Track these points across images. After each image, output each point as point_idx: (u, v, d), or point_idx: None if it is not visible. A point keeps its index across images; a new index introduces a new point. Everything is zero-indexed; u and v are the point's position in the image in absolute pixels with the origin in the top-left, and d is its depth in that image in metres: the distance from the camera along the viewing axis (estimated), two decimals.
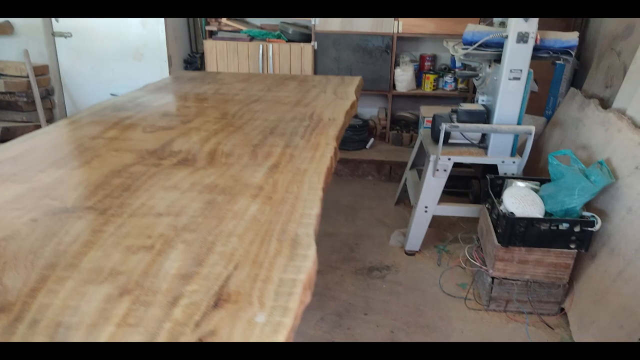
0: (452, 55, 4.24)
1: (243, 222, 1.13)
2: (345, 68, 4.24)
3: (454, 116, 2.73)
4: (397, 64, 4.26)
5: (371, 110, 4.68)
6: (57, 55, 4.34)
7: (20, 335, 0.76)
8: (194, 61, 4.62)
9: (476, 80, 2.92)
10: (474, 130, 2.60)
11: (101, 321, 0.80)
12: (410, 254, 2.88)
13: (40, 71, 4.09)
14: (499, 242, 2.20)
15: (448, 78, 4.27)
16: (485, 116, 2.67)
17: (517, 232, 2.13)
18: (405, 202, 3.57)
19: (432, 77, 4.28)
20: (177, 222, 1.13)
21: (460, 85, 4.27)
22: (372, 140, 4.38)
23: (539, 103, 3.85)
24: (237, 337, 0.76)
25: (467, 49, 2.60)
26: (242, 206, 1.21)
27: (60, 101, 4.44)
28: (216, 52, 4.30)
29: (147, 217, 1.15)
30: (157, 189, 1.31)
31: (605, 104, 2.84)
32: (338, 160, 1.76)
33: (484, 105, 2.77)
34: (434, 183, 2.72)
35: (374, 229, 3.20)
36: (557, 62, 2.67)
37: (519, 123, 2.60)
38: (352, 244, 3.00)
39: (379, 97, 4.56)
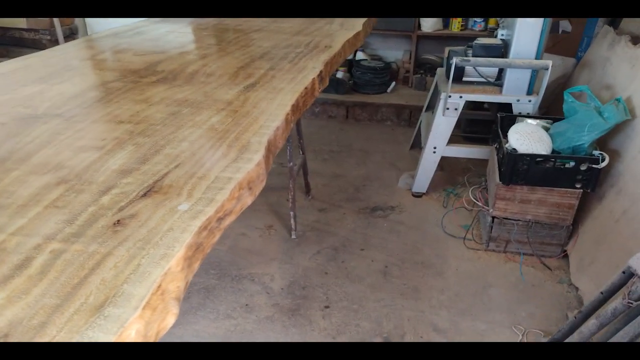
0: None
1: (200, 130, 1.13)
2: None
3: (469, 51, 2.60)
4: None
5: (395, 53, 4.52)
6: None
7: None
8: None
9: None
10: (486, 65, 2.47)
11: (32, 203, 0.82)
12: (417, 195, 2.83)
13: None
14: (500, 180, 2.12)
15: (477, 17, 4.05)
16: (502, 51, 2.52)
17: (519, 170, 2.05)
18: (420, 146, 3.48)
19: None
20: (134, 129, 1.13)
21: (490, 25, 4.04)
22: (393, 84, 4.26)
23: (572, 44, 3.61)
24: (154, 221, 0.77)
25: None
26: (204, 117, 1.21)
27: None
28: None
29: (108, 124, 1.17)
30: (127, 101, 1.32)
31: (637, 40, 2.63)
32: (325, 86, 1.71)
33: (502, 40, 2.61)
34: (443, 122, 2.63)
35: (384, 171, 3.16)
36: None
37: (537, 59, 2.44)
38: (359, 185, 2.98)
39: (403, 40, 4.38)
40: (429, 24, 4.04)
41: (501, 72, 2.57)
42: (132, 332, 0.58)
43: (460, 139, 3.27)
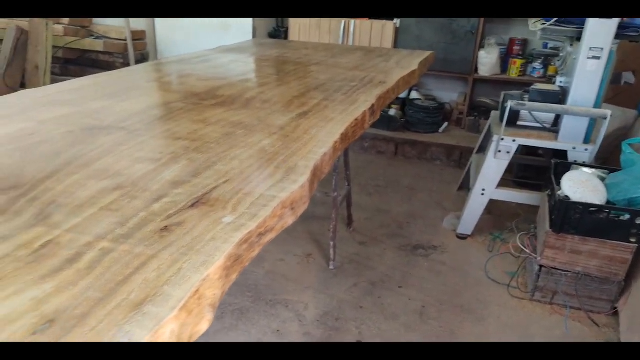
0: (545, 41, 3.99)
1: (251, 150, 1.17)
2: (426, 48, 4.13)
3: (526, 96, 2.57)
4: (481, 46, 4.07)
5: (450, 94, 4.52)
6: (154, 23, 4.67)
7: (19, 206, 0.86)
8: (279, 35, 4.74)
9: (557, 60, 2.72)
10: (542, 110, 2.43)
11: (88, 205, 0.88)
12: (462, 237, 2.77)
13: (138, 36, 4.43)
14: (551, 228, 2.05)
15: (537, 64, 4.01)
16: (559, 97, 2.48)
17: (571, 218, 1.97)
18: (468, 188, 3.42)
19: (519, 62, 4.04)
20: (190, 145, 1.19)
21: (550, 73, 3.99)
22: (446, 124, 4.24)
23: (635, 96, 3.49)
24: (199, 230, 0.80)
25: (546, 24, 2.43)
26: (256, 140, 1.25)
27: None
28: (299, 27, 4.38)
29: (167, 140, 1.23)
30: (186, 121, 1.39)
31: None
32: (376, 119, 1.74)
33: (561, 87, 2.57)
34: (494, 165, 2.59)
35: (430, 210, 3.12)
36: None
37: (595, 107, 2.38)
38: (402, 222, 2.95)
39: (459, 82, 4.39)
40: (486, 68, 4.04)
41: (557, 118, 2.52)
42: (167, 331, 0.60)
43: (511, 184, 3.20)
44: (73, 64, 4.31)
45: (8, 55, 3.76)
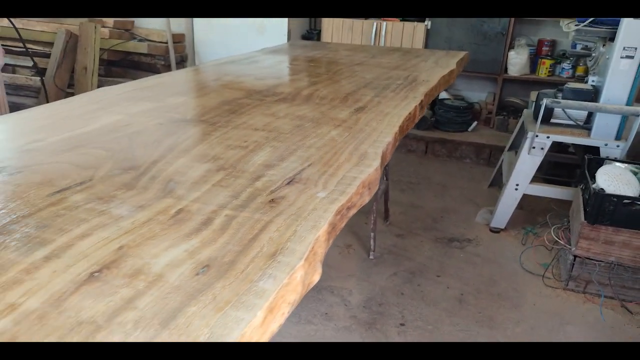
0: (574, 42, 4.07)
1: (322, 140, 1.32)
2: (456, 49, 4.24)
3: (559, 94, 2.67)
4: (511, 47, 4.17)
5: (479, 94, 4.62)
6: (193, 26, 4.86)
7: (143, 183, 1.02)
8: (312, 37, 4.90)
9: (589, 60, 2.82)
10: (576, 108, 2.53)
11: (201, 182, 1.03)
12: (495, 231, 2.88)
13: (178, 39, 4.62)
14: (585, 219, 2.15)
15: (566, 64, 4.09)
16: (592, 96, 2.58)
17: (605, 210, 2.08)
18: (499, 185, 3.53)
19: (548, 62, 4.12)
20: (269, 135, 1.34)
21: (578, 73, 4.06)
22: (475, 123, 4.34)
23: None
24: (300, 202, 0.95)
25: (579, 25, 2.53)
26: (324, 131, 1.40)
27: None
28: (332, 29, 4.53)
29: (246, 130, 1.39)
30: (258, 114, 1.54)
31: None
32: (423, 115, 1.87)
33: (593, 85, 2.67)
34: (528, 161, 2.70)
35: (462, 206, 3.23)
36: None
37: (628, 105, 2.48)
38: (436, 216, 3.07)
39: (488, 82, 4.49)
40: (516, 68, 4.13)
41: (590, 116, 2.62)
42: (298, 276, 0.74)
43: (541, 181, 3.29)
44: (116, 65, 4.52)
45: (58, 58, 3.98)
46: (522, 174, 2.72)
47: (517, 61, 4.11)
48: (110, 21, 4.28)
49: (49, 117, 1.44)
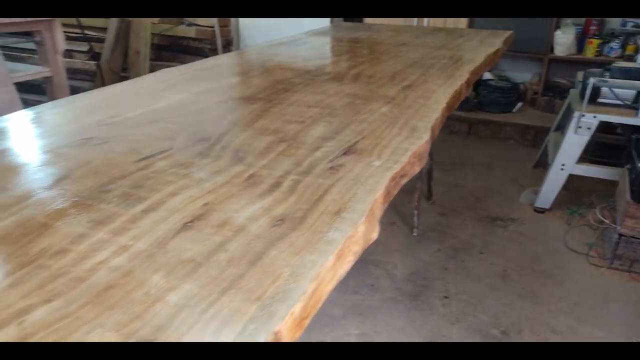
0: (623, 20, 3.95)
1: (374, 115, 1.40)
2: (500, 28, 4.18)
3: (606, 74, 2.64)
4: (557, 27, 4.09)
5: (524, 75, 4.55)
6: None
7: (216, 152, 1.13)
8: (355, 20, 4.93)
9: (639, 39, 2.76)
10: (624, 87, 2.50)
11: (266, 152, 1.13)
12: (540, 211, 2.89)
13: (224, 23, 4.75)
14: (632, 198, 2.15)
15: (614, 44, 3.98)
16: None
17: None
18: (544, 165, 3.51)
19: (596, 41, 4.02)
20: (322, 111, 1.43)
21: (627, 52, 3.95)
22: (519, 104, 4.30)
23: None
24: (358, 170, 1.03)
25: None
26: (375, 107, 1.48)
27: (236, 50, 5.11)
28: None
29: (301, 107, 1.48)
30: (309, 92, 1.63)
31: None
32: (468, 94, 1.91)
33: None
34: (574, 140, 2.69)
35: (505, 186, 3.24)
36: None
37: None
38: (480, 196, 3.10)
39: (534, 62, 4.41)
40: (562, 48, 4.05)
41: (638, 95, 2.58)
42: (360, 230, 0.84)
43: (587, 162, 3.25)
44: (165, 49, 4.70)
45: (112, 43, 4.18)
46: (569, 154, 2.72)
47: (563, 41, 4.03)
48: None
49: (122, 95, 1.58)
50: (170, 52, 4.74)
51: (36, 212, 0.84)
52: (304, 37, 2.81)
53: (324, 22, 4.73)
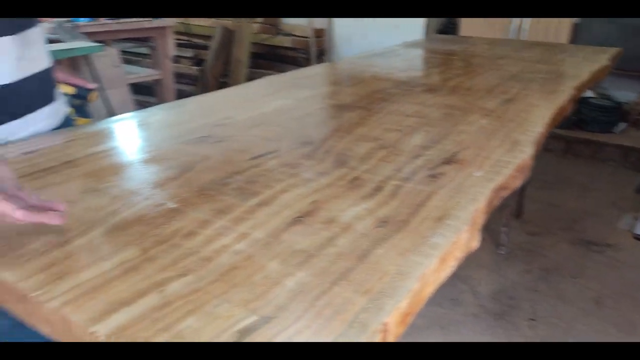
0: None
1: (473, 127, 1.40)
2: (605, 45, 3.96)
3: None
4: None
5: (628, 94, 4.26)
6: (332, 22, 5.11)
7: (319, 155, 1.19)
8: (448, 31, 4.87)
9: None
10: None
11: (367, 157, 1.17)
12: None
13: (318, 34, 4.90)
14: None
15: None
16: None
17: None
18: None
19: None
20: (420, 121, 1.46)
21: None
22: (623, 125, 4.03)
23: None
24: (459, 179, 1.05)
25: None
26: (473, 119, 1.48)
27: (330, 61, 5.24)
28: (469, 23, 4.47)
29: (399, 116, 1.51)
30: (406, 103, 1.66)
31: None
32: (571, 112, 1.85)
33: None
34: None
35: (604, 209, 3.05)
36: None
37: None
38: (575, 217, 2.94)
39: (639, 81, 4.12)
40: None
41: None
42: (462, 238, 0.86)
43: None
44: (263, 58, 4.94)
45: (216, 50, 4.46)
46: None
47: None
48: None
49: (232, 99, 1.71)
50: (267, 61, 4.96)
51: (166, 198, 0.95)
52: (398, 49, 2.84)
53: (416, 34, 4.74)
